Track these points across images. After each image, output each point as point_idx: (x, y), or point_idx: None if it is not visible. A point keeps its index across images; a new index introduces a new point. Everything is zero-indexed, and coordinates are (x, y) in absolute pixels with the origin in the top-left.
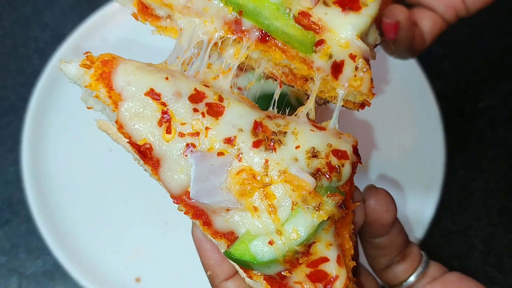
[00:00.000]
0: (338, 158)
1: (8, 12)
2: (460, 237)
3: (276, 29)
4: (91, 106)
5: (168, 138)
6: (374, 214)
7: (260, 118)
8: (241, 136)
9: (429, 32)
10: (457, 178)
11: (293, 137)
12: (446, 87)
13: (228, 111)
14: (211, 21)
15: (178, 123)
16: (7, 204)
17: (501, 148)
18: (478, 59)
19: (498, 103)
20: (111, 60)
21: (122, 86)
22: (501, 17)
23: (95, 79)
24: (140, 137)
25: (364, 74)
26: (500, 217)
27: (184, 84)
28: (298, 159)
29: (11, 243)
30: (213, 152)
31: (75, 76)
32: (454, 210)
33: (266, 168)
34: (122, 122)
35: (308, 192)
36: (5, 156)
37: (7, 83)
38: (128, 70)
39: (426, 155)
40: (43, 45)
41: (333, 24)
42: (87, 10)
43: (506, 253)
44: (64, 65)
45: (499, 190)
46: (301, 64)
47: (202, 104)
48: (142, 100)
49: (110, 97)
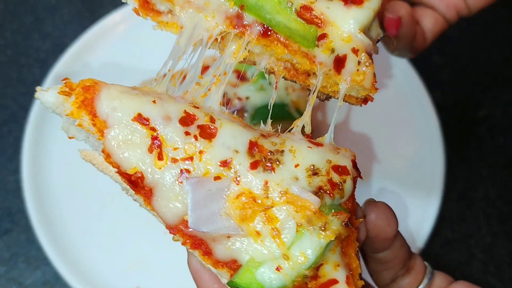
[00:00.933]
0: (339, 174)
1: (9, 22)
2: (460, 246)
3: (278, 24)
4: (73, 136)
5: (160, 165)
6: (375, 229)
7: (255, 137)
8: (237, 158)
9: (430, 31)
10: (457, 187)
11: (291, 155)
12: (446, 96)
13: (221, 132)
14: (212, 16)
15: (170, 148)
16: (7, 213)
17: (500, 156)
18: (477, 68)
19: (497, 112)
20: (92, 85)
21: (107, 113)
22: (500, 27)
23: (76, 107)
24: (130, 165)
25: (367, 68)
26: (500, 226)
27: (172, 107)
28: (299, 178)
29: (10, 252)
30: (209, 176)
31: (53, 105)
32: (454, 219)
33: (266, 190)
34: (109, 151)
35: (313, 212)
36: (5, 165)
37: (8, 92)
38: (112, 95)
39: (426, 164)
40: (44, 55)
41: (335, 18)
42: (88, 20)
43: (506, 262)
44: (41, 93)
45: (499, 199)
46: (303, 59)
47: (194, 127)
48: (129, 126)
49: (94, 125)
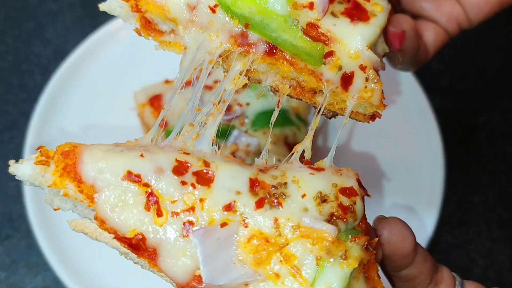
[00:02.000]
0: (348, 196)
1: (11, 28)
2: (460, 251)
3: (284, 42)
4: (58, 207)
5: (161, 221)
6: (390, 246)
7: (253, 174)
8: (240, 199)
9: (432, 44)
10: (456, 192)
11: (295, 186)
12: (445, 102)
13: (218, 175)
14: (216, 35)
15: (167, 202)
16: (7, 219)
17: (500, 162)
18: (476, 75)
19: (496, 118)
20: (72, 149)
21: (93, 176)
22: (498, 34)
23: (58, 176)
24: (128, 228)
25: (375, 85)
26: (500, 231)
27: (162, 157)
28: (308, 208)
29: (11, 258)
30: (215, 225)
31: (31, 177)
32: (454, 225)
33: (277, 228)
34: (103, 217)
35: (331, 242)
36: (6, 171)
37: (9, 98)
38: (96, 157)
39: (426, 170)
40: (45, 61)
41: (342, 35)
42: (90, 27)
43: (506, 268)
44: (15, 166)
45: (499, 204)
46: (309, 77)
47: (189, 175)
48: (120, 187)
49: (81, 191)
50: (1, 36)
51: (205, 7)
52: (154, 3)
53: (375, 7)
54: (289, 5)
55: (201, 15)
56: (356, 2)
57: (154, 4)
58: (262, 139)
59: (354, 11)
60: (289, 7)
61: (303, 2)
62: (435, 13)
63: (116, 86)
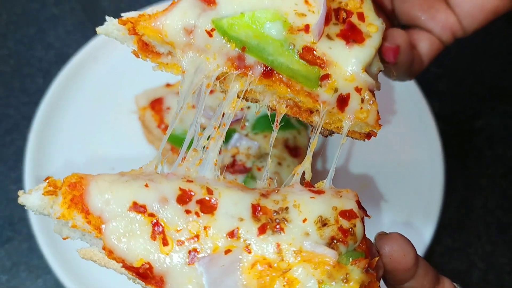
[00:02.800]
0: (348, 219)
1: (13, 32)
2: (460, 255)
3: (281, 65)
4: (67, 236)
5: (167, 250)
6: (392, 262)
7: (255, 199)
8: (243, 225)
9: (426, 54)
10: (456, 196)
11: (296, 210)
12: (444, 106)
13: (221, 202)
14: (213, 58)
15: (173, 231)
16: (8, 222)
17: (499, 166)
18: (475, 79)
19: (495, 122)
20: (78, 181)
21: (100, 208)
22: (496, 39)
23: (66, 207)
24: (135, 258)
25: (371, 106)
26: (500, 234)
27: (166, 186)
28: (309, 233)
29: (11, 261)
30: (219, 252)
31: (40, 207)
32: (454, 228)
33: (279, 253)
34: (110, 247)
35: (332, 266)
36: (7, 174)
37: (11, 102)
38: (102, 188)
39: (426, 174)
40: (46, 65)
41: (337, 58)
42: (91, 31)
43: (506, 271)
44: (24, 196)
45: (498, 208)
46: (306, 98)
47: (193, 203)
48: (127, 217)
49: (89, 222)
50: (3, 40)
51: (202, 31)
52: (151, 27)
53: (370, 28)
54: (285, 29)
55: (198, 39)
56: (351, 24)
57: (151, 28)
58: (262, 142)
59: (350, 33)
60: (285, 31)
61: (299, 25)
62: (429, 23)
63: (117, 89)
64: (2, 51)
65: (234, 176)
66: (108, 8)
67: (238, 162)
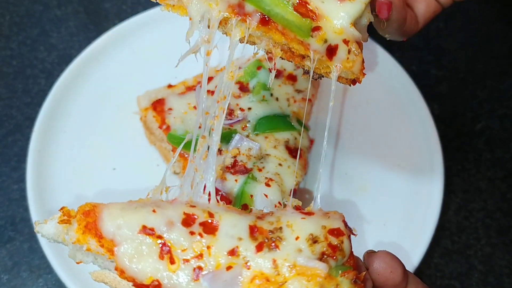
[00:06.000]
0: (336, 236)
1: (16, 34)
2: (460, 257)
3: (276, 15)
4: (80, 261)
5: (174, 268)
6: (380, 278)
7: (252, 221)
8: (242, 244)
9: (422, 15)
10: (456, 198)
11: (289, 230)
12: (443, 108)
13: (222, 224)
14: (216, 4)
15: (179, 250)
16: (10, 222)
17: (499, 169)
18: (475, 82)
19: (494, 125)
20: (92, 209)
21: (113, 232)
22: (496, 41)
23: (81, 233)
24: (145, 276)
25: (356, 57)
26: (499, 237)
27: (172, 211)
28: (302, 249)
29: (13, 261)
30: (221, 268)
31: (55, 235)
32: (453, 231)
33: (276, 268)
34: (122, 267)
35: (323, 278)
36: (9, 175)
37: (13, 103)
38: (114, 215)
39: (425, 176)
40: (49, 66)
41: (328, 13)
42: (94, 33)
43: (505, 274)
44: (40, 226)
45: (498, 210)
46: (299, 46)
47: (196, 226)
48: (137, 240)
49: (102, 246)
50: (6, 41)
51: None
52: None
53: None
54: None
55: None
56: None
57: None
58: (263, 143)
59: None
60: None
61: None
62: None
63: (119, 90)
64: (5, 52)
65: (235, 176)
66: (110, 11)
67: (239, 163)
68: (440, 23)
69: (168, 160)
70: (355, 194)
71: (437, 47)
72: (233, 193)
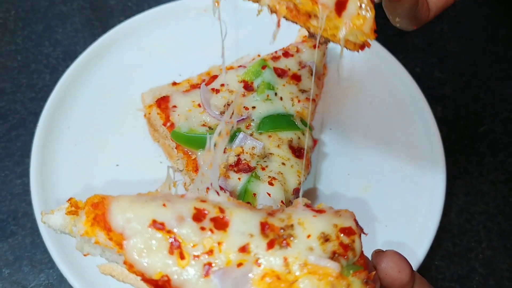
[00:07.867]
0: (347, 235)
1: (21, 29)
2: (461, 260)
3: None
4: (87, 253)
5: (184, 264)
6: (387, 277)
7: (263, 218)
8: (253, 241)
9: (434, 3)
10: (457, 201)
11: (300, 227)
12: (446, 111)
13: (233, 220)
14: None
15: (189, 246)
16: (12, 216)
17: (501, 172)
18: (478, 85)
19: (497, 128)
20: (101, 201)
21: (122, 225)
22: (500, 45)
23: (89, 225)
24: (154, 271)
25: (367, 12)
26: (500, 240)
27: (182, 206)
28: (313, 247)
29: (15, 255)
30: (232, 265)
31: (62, 226)
32: (455, 233)
33: (287, 266)
34: (131, 261)
35: (335, 277)
36: (12, 169)
37: (17, 97)
38: (123, 208)
39: (427, 179)
40: (54, 62)
41: None
42: (99, 29)
43: (506, 277)
44: (46, 217)
45: (499, 214)
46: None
47: (207, 221)
48: (146, 234)
49: (111, 239)
50: (11, 36)
51: None
52: None
53: None
54: None
55: None
56: None
57: None
58: (267, 142)
59: None
60: None
61: None
62: None
63: (123, 87)
64: (10, 47)
65: (238, 174)
66: (116, 7)
67: (243, 161)
68: (444, 26)
69: (171, 157)
70: (357, 195)
71: (441, 50)
72: (236, 191)
